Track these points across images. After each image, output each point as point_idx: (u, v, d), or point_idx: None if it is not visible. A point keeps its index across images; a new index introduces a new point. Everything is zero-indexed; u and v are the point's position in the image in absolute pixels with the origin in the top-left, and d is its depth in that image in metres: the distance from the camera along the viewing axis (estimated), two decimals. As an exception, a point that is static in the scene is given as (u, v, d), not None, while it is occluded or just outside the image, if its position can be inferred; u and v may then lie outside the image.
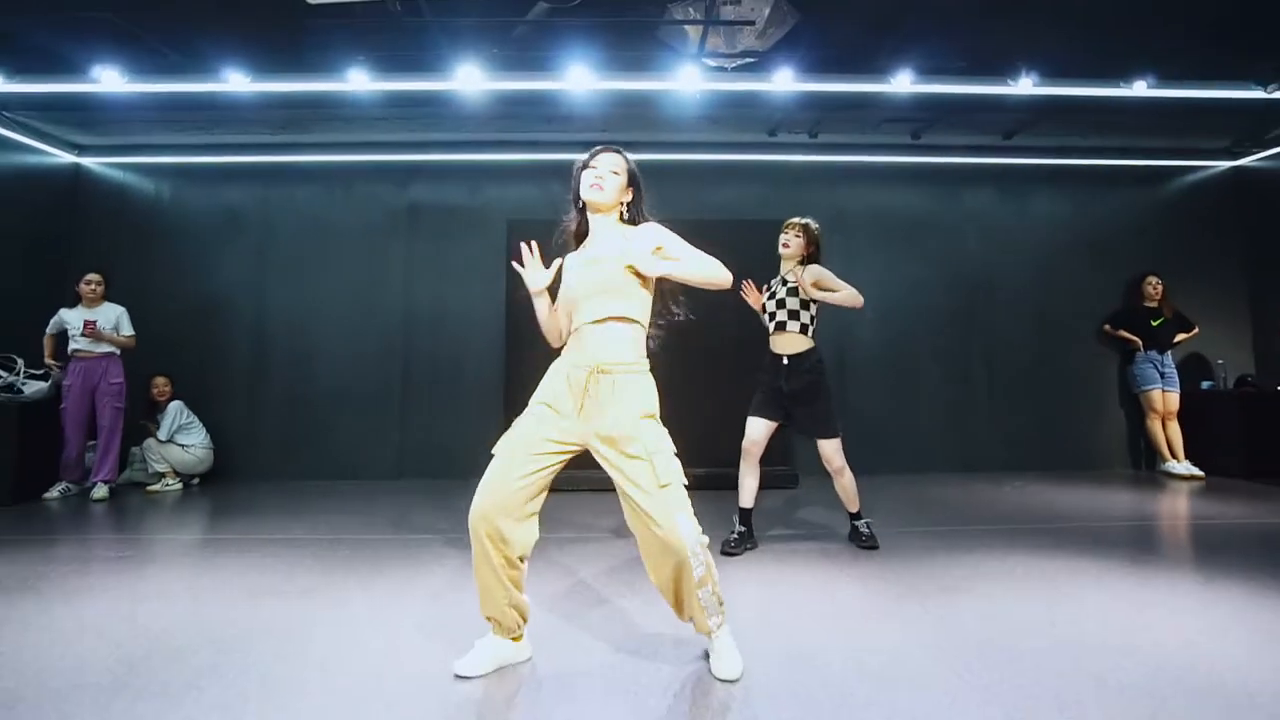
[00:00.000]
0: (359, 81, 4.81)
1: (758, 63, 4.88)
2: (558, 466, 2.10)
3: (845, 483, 3.63)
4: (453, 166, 6.52)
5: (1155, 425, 6.23)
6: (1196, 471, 5.97)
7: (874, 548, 3.60)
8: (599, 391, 2.06)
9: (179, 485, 5.65)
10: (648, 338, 2.23)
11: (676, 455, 2.08)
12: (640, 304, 2.16)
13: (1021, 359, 6.58)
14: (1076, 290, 6.63)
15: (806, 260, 3.71)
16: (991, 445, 6.46)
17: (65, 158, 6.36)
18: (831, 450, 3.53)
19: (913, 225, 6.63)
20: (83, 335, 5.15)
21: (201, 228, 6.44)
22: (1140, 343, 6.31)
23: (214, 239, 6.43)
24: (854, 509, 3.70)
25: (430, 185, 6.53)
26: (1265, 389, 6.10)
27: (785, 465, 5.66)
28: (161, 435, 5.56)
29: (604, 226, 2.23)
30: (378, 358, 6.33)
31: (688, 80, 4.86)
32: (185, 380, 5.90)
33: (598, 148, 2.24)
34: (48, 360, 5.33)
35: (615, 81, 5.02)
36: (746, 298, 3.73)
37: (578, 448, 2.11)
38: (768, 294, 3.75)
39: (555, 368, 2.18)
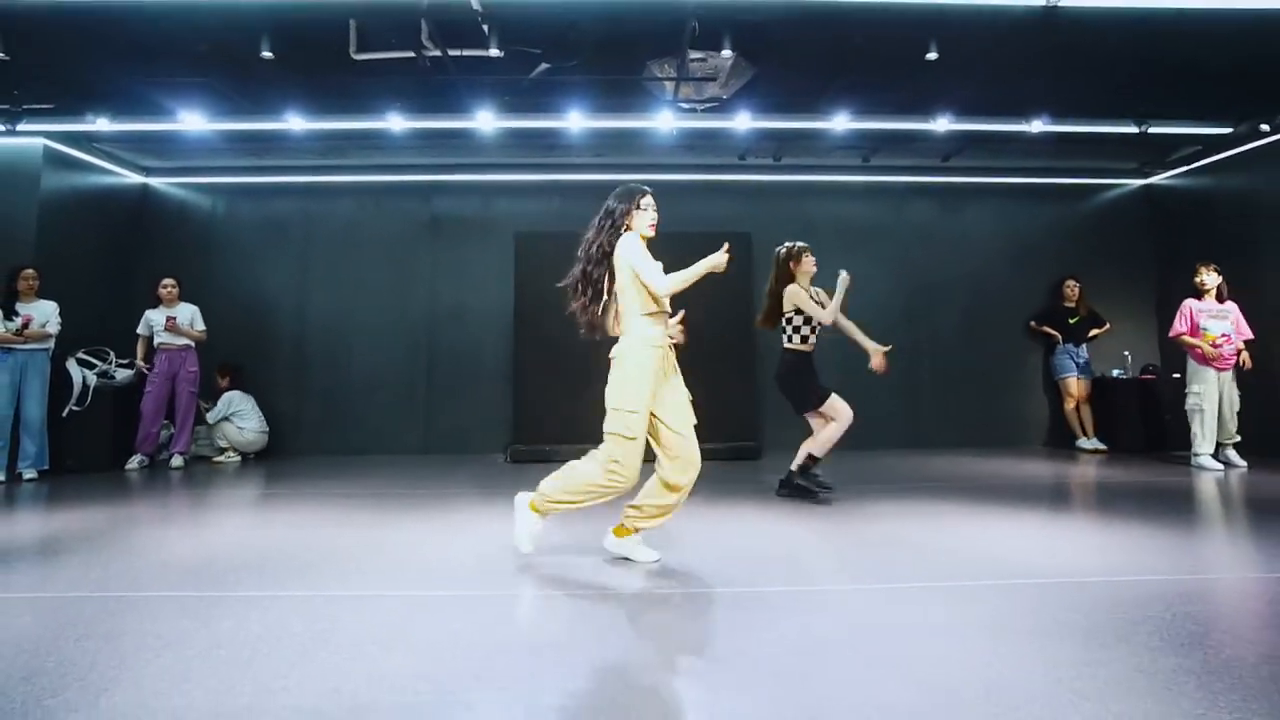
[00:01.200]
0: (394, 121, 5.85)
1: (722, 106, 5.92)
2: None
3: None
4: (469, 185, 7.58)
5: (1070, 407, 7.28)
6: (1101, 446, 7.03)
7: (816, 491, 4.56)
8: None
9: (238, 459, 6.71)
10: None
11: None
12: None
13: (958, 350, 7.64)
14: (1006, 291, 7.69)
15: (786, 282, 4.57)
16: (934, 424, 7.53)
17: (134, 178, 7.40)
18: None
19: (867, 234, 7.68)
20: (165, 330, 6.19)
21: (252, 239, 7.49)
22: (1060, 337, 7.36)
23: (262, 249, 7.48)
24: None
25: (450, 200, 7.59)
26: (1164, 376, 7.14)
27: (751, 440, 6.72)
28: (210, 419, 6.61)
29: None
30: (405, 351, 7.39)
31: (664, 120, 5.90)
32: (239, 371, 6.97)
33: (647, 191, 3.06)
34: (138, 362, 6.37)
35: (606, 120, 6.06)
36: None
37: None
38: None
39: (651, 342, 2.93)
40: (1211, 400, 5.73)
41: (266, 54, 4.69)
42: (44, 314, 5.65)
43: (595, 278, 3.03)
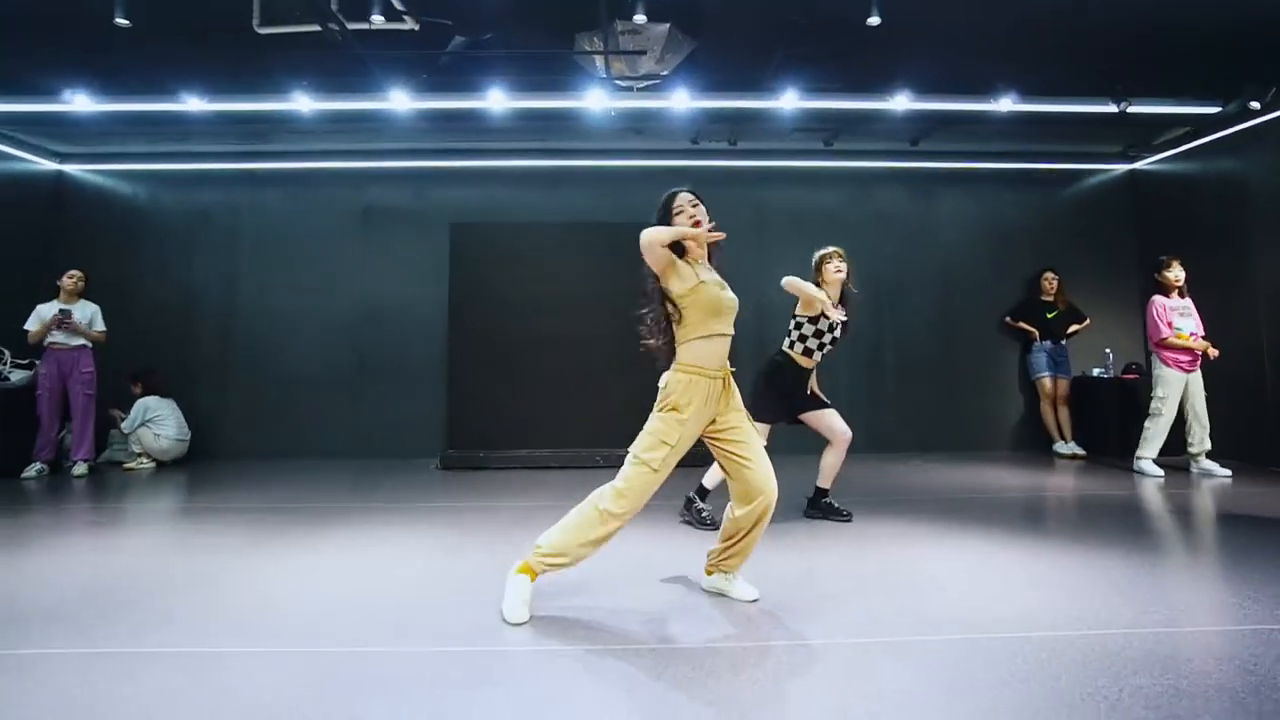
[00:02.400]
0: (302, 102, 5.37)
1: (662, 84, 5.43)
2: None
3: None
4: (403, 173, 7.10)
5: (1047, 409, 6.81)
6: (1079, 451, 6.56)
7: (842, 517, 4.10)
8: (728, 387, 2.61)
9: (152, 465, 6.27)
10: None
11: None
12: None
13: (928, 348, 7.16)
14: (979, 284, 7.20)
15: None
16: (900, 428, 7.05)
17: (48, 165, 6.94)
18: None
19: (828, 223, 7.16)
20: (57, 327, 5.72)
21: (175, 229, 7.04)
22: (1036, 334, 6.88)
23: (187, 239, 7.03)
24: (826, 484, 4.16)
25: (383, 189, 7.12)
26: (1148, 376, 6.64)
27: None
28: (125, 428, 6.18)
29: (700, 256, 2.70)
30: (335, 348, 6.94)
31: (597, 99, 5.41)
32: (161, 366, 6.52)
33: (695, 197, 2.75)
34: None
35: (534, 100, 5.57)
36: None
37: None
38: (827, 324, 3.98)
39: (696, 366, 2.54)
40: (1172, 406, 5.41)
41: (121, 21, 4.20)
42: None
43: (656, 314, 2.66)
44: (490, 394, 6.40)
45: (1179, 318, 5.44)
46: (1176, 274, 5.50)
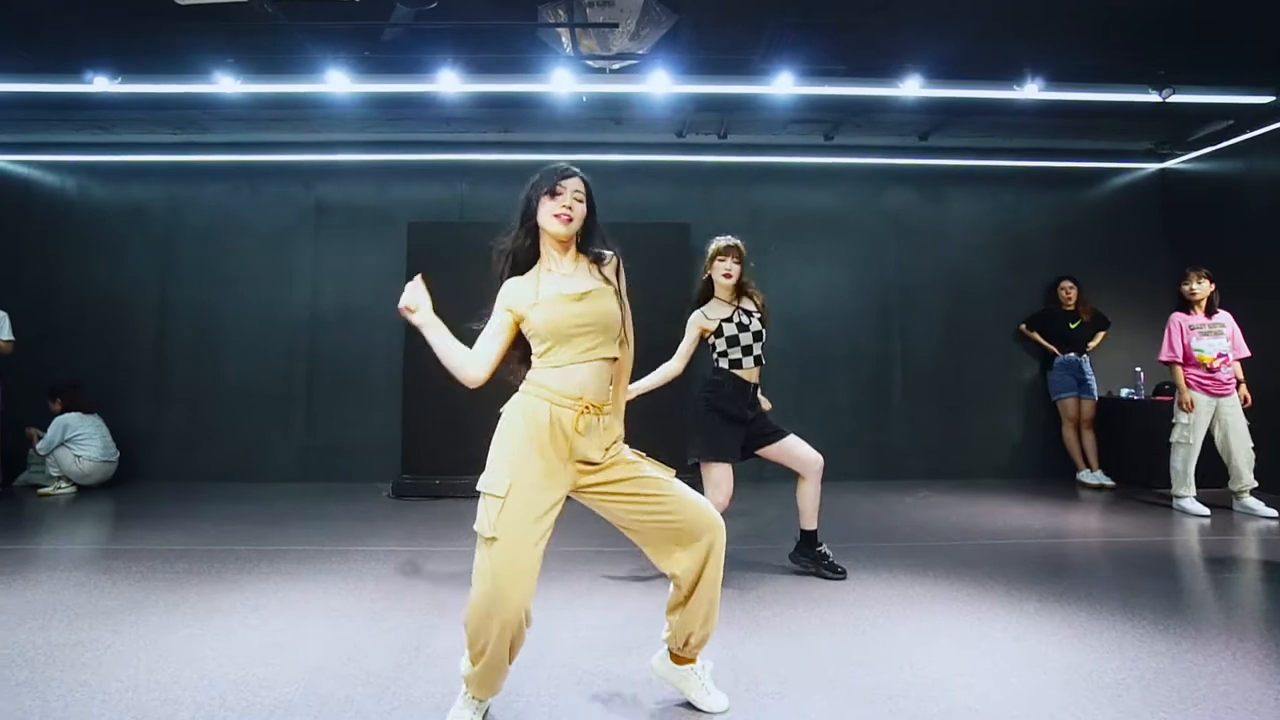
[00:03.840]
0: (226, 83, 4.70)
1: (640, 64, 4.77)
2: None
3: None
4: (358, 166, 6.43)
5: (1070, 433, 6.13)
6: (1107, 481, 5.89)
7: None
8: (588, 429, 1.94)
9: (72, 489, 5.61)
10: None
11: None
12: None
13: (937, 364, 6.48)
14: (994, 293, 6.52)
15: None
16: (906, 453, 6.38)
17: (-36, 155, 6.29)
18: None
19: (828, 226, 6.52)
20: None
21: (108, 225, 6.37)
22: (1057, 350, 6.20)
23: (120, 236, 6.36)
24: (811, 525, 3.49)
25: (337, 185, 6.45)
26: (1181, 397, 5.97)
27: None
28: (41, 449, 5.53)
29: (561, 253, 2.07)
30: (282, 359, 6.28)
31: (562, 82, 4.74)
32: (90, 376, 5.90)
33: (560, 169, 2.04)
34: None
35: (494, 84, 4.90)
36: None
37: (564, 494, 1.96)
38: (734, 326, 3.35)
39: (523, 408, 1.95)
40: (1199, 433, 4.81)
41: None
42: None
43: None
44: (450, 413, 5.71)
45: (1200, 338, 4.83)
46: (1193, 288, 4.88)
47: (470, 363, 1.99)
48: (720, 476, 3.26)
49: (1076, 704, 2.12)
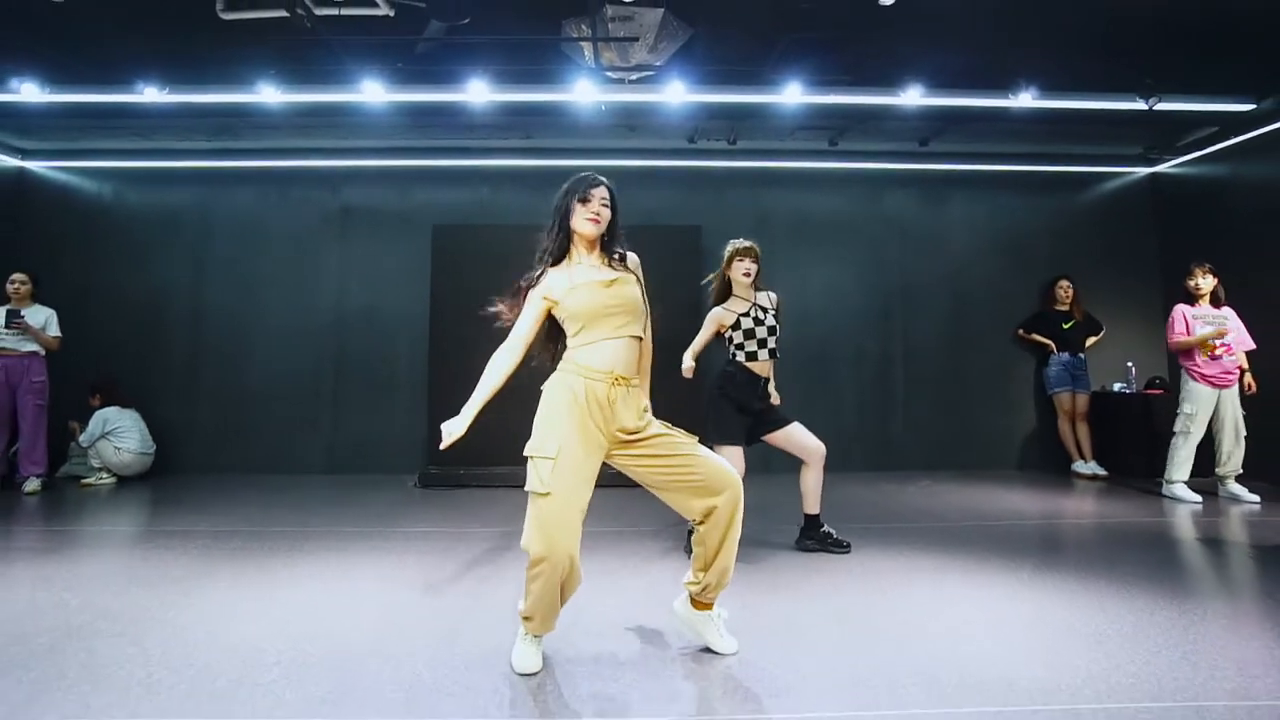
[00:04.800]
0: (269, 93, 4.99)
1: (656, 75, 5.05)
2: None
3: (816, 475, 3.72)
4: (383, 171, 6.71)
5: (1065, 426, 6.40)
6: (1100, 471, 6.15)
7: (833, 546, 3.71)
8: (618, 398, 2.24)
9: (113, 480, 5.88)
10: None
11: None
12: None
13: (937, 361, 6.75)
14: (993, 293, 6.79)
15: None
16: (908, 446, 6.64)
17: (9, 162, 6.56)
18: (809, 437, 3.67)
19: (832, 229, 6.79)
20: (6, 329, 5.33)
21: (142, 230, 6.64)
22: (1053, 346, 6.47)
23: (154, 240, 6.63)
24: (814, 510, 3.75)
25: (362, 189, 6.72)
26: (1173, 390, 6.23)
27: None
28: (83, 441, 5.78)
29: (588, 251, 2.37)
30: (310, 357, 6.54)
31: (585, 92, 5.02)
32: (125, 375, 6.16)
33: (589, 178, 2.37)
34: None
35: (518, 94, 5.19)
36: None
37: (601, 461, 2.26)
38: (750, 320, 3.67)
39: (562, 384, 2.25)
40: (1201, 424, 5.03)
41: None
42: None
43: None
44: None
45: (1204, 327, 5.06)
46: (1198, 283, 5.13)
47: (506, 363, 2.33)
48: (730, 457, 3.54)
49: (1067, 650, 2.40)
